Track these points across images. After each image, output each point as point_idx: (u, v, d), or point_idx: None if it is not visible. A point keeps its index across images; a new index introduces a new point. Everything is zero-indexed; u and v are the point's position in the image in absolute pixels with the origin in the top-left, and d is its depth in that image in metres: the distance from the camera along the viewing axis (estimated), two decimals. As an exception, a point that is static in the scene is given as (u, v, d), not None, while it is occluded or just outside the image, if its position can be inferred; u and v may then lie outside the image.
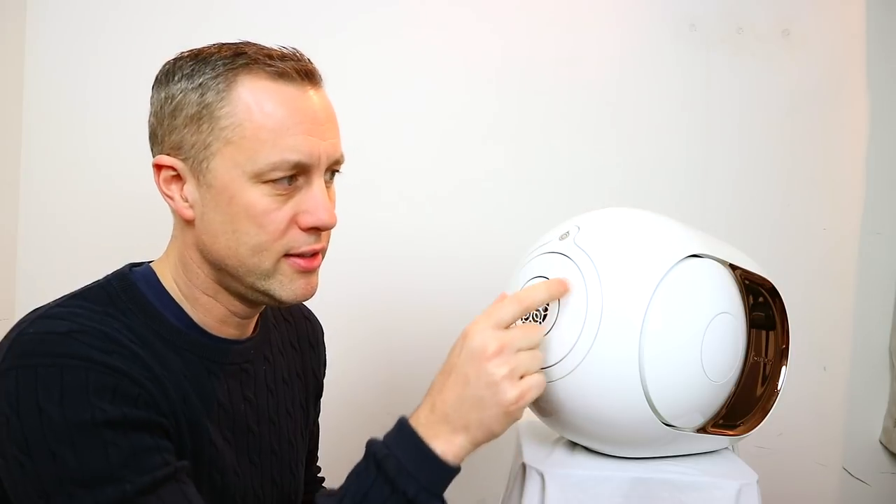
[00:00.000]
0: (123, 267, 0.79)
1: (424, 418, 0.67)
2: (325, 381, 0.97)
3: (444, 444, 0.65)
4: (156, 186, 0.78)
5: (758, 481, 0.76)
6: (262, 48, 0.74)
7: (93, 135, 1.26)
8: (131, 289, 0.75)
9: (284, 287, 0.73)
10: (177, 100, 0.75)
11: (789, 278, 1.34)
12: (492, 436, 0.66)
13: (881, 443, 1.35)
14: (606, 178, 1.32)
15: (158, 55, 1.25)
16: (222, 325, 0.78)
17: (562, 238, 0.75)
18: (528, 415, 0.96)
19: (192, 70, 0.74)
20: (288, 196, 0.72)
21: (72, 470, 0.61)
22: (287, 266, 0.73)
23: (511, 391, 0.65)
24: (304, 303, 0.81)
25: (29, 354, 0.65)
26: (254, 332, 0.82)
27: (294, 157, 0.70)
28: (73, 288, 0.76)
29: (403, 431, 0.67)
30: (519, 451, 0.84)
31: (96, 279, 0.78)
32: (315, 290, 0.76)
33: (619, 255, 0.73)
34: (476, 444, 0.66)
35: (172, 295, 0.76)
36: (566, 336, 0.71)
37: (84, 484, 0.61)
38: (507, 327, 0.67)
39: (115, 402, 0.64)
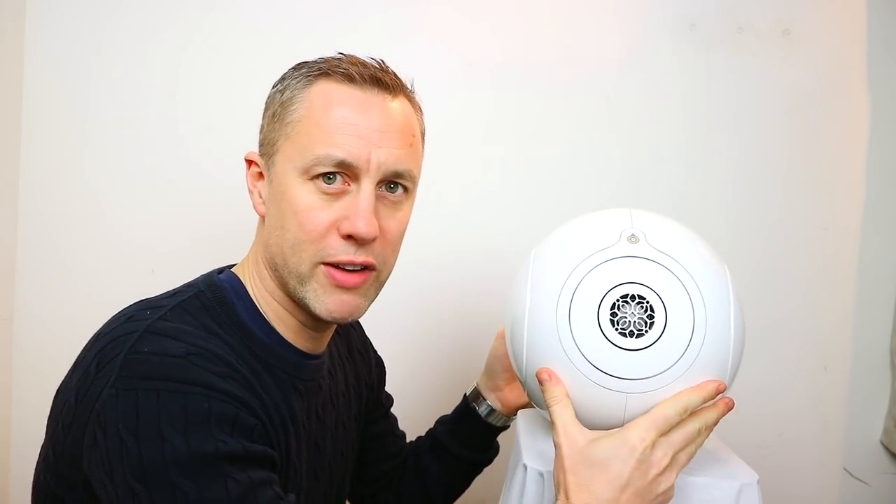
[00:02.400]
0: (209, 273, 0.78)
1: None
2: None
3: None
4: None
5: (758, 481, 0.76)
6: (355, 58, 0.75)
7: (93, 135, 1.26)
8: (224, 301, 0.73)
9: (318, 298, 0.72)
10: (269, 100, 0.76)
11: (789, 278, 1.35)
12: None
13: (882, 443, 1.35)
14: (606, 177, 1.32)
15: (159, 55, 1.27)
16: (298, 336, 0.77)
17: (632, 241, 0.73)
18: (528, 415, 0.96)
19: (288, 74, 0.76)
20: (334, 198, 0.70)
21: (191, 502, 0.60)
22: (322, 274, 0.71)
23: (670, 494, 0.66)
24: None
25: (149, 377, 0.63)
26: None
27: (339, 154, 0.69)
28: (73, 288, 0.76)
29: None
30: (518, 452, 0.84)
31: (184, 283, 0.76)
32: (354, 311, 0.74)
33: (702, 260, 0.73)
34: None
35: (256, 305, 0.75)
36: (674, 346, 0.69)
37: None
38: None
39: (236, 435, 0.63)
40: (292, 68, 0.77)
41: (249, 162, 0.77)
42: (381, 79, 0.73)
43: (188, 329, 0.68)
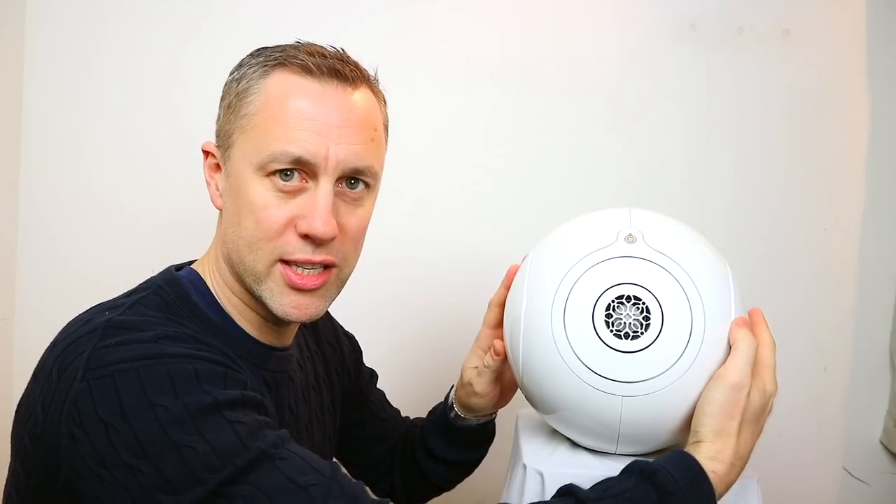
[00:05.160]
0: (168, 269, 0.76)
1: (722, 469, 0.66)
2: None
3: (724, 488, 0.67)
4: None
5: (758, 481, 0.76)
6: (314, 47, 0.72)
7: (93, 135, 1.26)
8: (185, 296, 0.71)
9: (275, 298, 0.70)
10: (225, 89, 0.74)
11: (789, 278, 1.35)
12: None
13: (881, 443, 1.35)
14: (606, 178, 1.32)
15: (159, 55, 1.27)
16: (261, 331, 0.75)
17: (629, 241, 0.72)
18: (528, 415, 0.96)
19: (245, 62, 0.74)
20: (291, 196, 0.69)
21: (202, 456, 0.57)
22: (278, 274, 0.70)
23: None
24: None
25: (122, 360, 0.60)
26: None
27: (295, 150, 0.67)
28: (73, 288, 0.76)
29: (693, 470, 0.65)
30: (518, 451, 0.84)
31: (141, 282, 0.74)
32: (312, 313, 0.72)
33: (702, 260, 0.72)
34: None
35: (217, 300, 0.74)
36: (670, 349, 0.68)
37: (215, 467, 0.57)
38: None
39: (229, 386, 0.62)
40: (250, 55, 0.74)
41: (206, 153, 0.75)
42: (339, 70, 0.70)
43: (152, 319, 0.66)
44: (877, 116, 1.33)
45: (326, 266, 0.72)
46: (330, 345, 0.94)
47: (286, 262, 0.70)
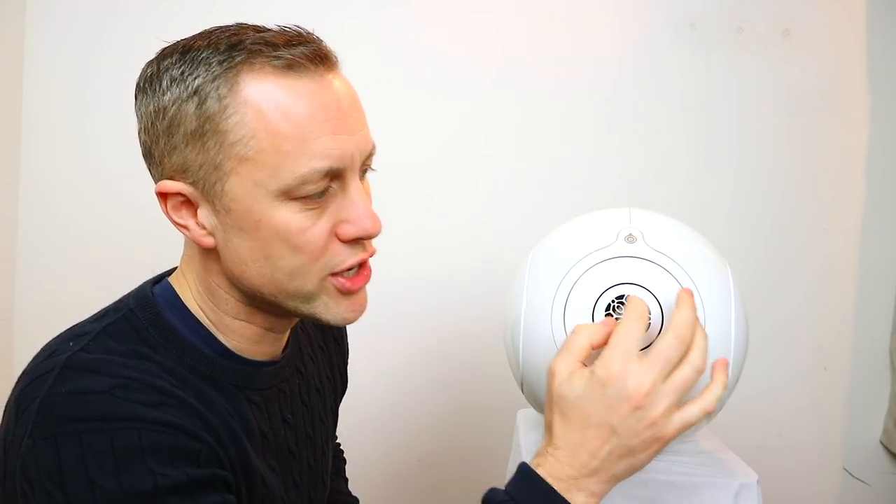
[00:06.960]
0: (143, 286, 0.70)
1: (565, 473, 0.60)
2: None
3: (587, 498, 0.59)
4: (165, 216, 0.67)
5: (758, 481, 0.76)
6: (262, 34, 0.64)
7: (93, 135, 1.26)
8: (158, 319, 0.65)
9: (330, 310, 0.65)
10: (170, 113, 0.61)
11: (789, 278, 1.35)
12: (637, 471, 0.61)
13: (881, 443, 1.35)
14: (606, 178, 1.32)
15: (158, 55, 1.26)
16: (257, 346, 0.70)
17: (629, 241, 0.72)
18: (528, 415, 0.96)
19: (182, 73, 0.61)
20: (322, 208, 0.62)
21: None
22: (331, 286, 0.65)
23: (670, 427, 0.59)
24: None
25: (68, 420, 0.56)
26: (285, 346, 0.75)
27: (324, 163, 0.60)
28: (72, 289, 0.76)
29: (536, 487, 0.60)
30: (518, 451, 0.84)
31: (114, 300, 0.69)
32: (364, 307, 0.68)
33: (702, 260, 0.72)
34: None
35: (200, 320, 0.68)
36: None
37: None
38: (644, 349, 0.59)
39: (177, 464, 0.57)
40: (183, 61, 0.62)
41: (165, 195, 0.66)
42: (322, 54, 0.63)
43: (112, 358, 0.61)
44: (877, 116, 1.34)
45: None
46: (335, 340, 0.90)
47: (335, 274, 0.65)
